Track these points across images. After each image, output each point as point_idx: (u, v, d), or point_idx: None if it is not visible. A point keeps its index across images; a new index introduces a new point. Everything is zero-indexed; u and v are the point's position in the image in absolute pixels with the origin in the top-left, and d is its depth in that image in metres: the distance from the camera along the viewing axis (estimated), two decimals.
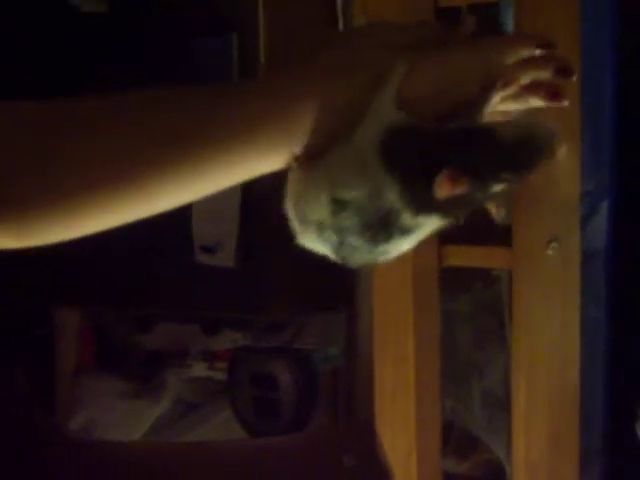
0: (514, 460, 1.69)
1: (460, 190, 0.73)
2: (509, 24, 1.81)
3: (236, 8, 2.09)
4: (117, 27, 2.22)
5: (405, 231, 0.77)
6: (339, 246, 0.78)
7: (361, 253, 0.78)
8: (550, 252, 1.60)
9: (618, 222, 1.87)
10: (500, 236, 1.64)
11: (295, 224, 0.79)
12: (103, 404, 2.52)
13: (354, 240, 0.77)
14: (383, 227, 0.76)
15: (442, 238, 1.65)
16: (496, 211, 0.79)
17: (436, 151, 0.74)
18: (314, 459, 1.31)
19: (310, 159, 0.75)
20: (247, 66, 2.07)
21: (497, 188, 0.75)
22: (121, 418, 2.49)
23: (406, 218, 0.76)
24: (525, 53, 0.78)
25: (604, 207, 1.84)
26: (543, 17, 1.57)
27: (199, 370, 2.48)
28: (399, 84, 0.75)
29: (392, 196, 0.74)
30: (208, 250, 2.11)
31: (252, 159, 0.74)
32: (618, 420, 1.92)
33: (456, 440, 2.06)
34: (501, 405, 1.95)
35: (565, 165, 1.61)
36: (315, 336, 2.29)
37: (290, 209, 0.78)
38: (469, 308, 2.03)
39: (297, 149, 0.75)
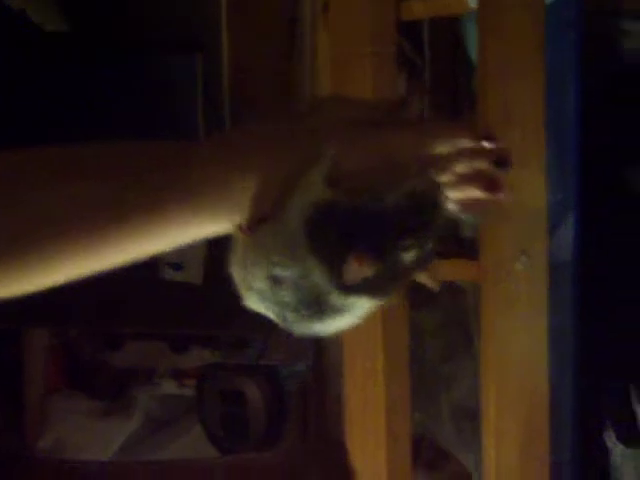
0: (485, 471, 1.69)
1: (368, 271, 0.72)
2: (471, 39, 1.82)
3: (201, 29, 2.09)
4: (81, 47, 2.21)
5: (338, 311, 0.75)
6: (279, 318, 0.77)
7: (300, 327, 0.77)
8: (520, 266, 1.60)
9: (585, 232, 1.88)
10: (467, 249, 1.64)
11: (241, 288, 0.78)
12: (73, 423, 2.50)
13: (291, 316, 0.76)
14: (316, 306, 0.74)
15: None
16: (430, 282, 0.78)
17: (349, 232, 0.72)
18: (284, 477, 1.31)
19: (252, 229, 0.75)
20: (211, 86, 2.07)
21: (409, 255, 0.74)
22: (91, 437, 2.48)
23: (335, 298, 0.74)
24: (465, 143, 0.78)
25: (571, 218, 1.85)
26: (506, 31, 1.57)
27: (168, 387, 2.47)
28: (330, 161, 0.74)
29: (317, 277, 0.73)
30: (174, 267, 2.10)
31: (195, 225, 0.75)
32: (587, 430, 1.93)
33: (426, 453, 2.06)
34: (469, 417, 1.96)
35: (531, 178, 1.61)
36: (282, 352, 2.28)
37: (235, 273, 0.78)
38: (436, 321, 2.03)
39: (239, 218, 0.75)
